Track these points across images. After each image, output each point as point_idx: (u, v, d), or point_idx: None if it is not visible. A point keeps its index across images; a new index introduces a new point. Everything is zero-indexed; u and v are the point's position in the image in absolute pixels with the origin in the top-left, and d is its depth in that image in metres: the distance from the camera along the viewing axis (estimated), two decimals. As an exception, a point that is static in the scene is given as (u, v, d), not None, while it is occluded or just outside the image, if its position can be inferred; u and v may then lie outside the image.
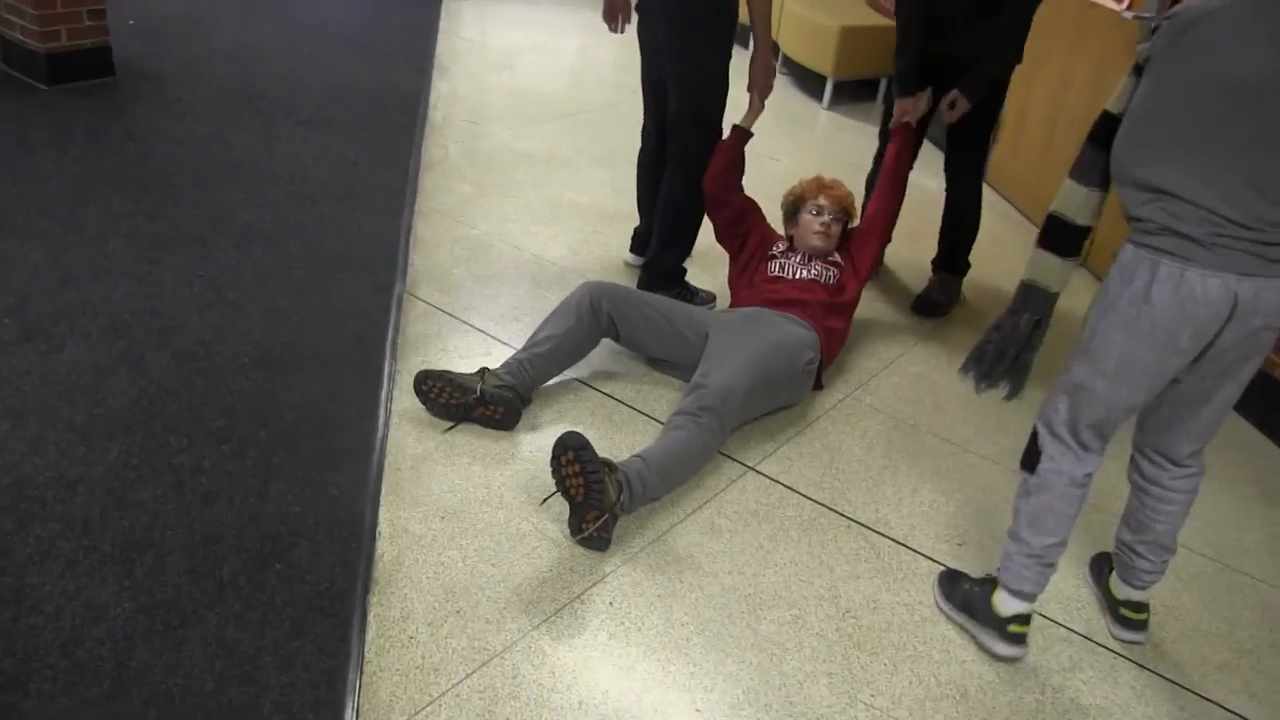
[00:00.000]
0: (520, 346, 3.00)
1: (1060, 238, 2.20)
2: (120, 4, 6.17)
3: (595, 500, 2.42)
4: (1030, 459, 2.28)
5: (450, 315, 3.36)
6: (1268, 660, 2.47)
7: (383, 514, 2.46)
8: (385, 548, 2.36)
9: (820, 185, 3.53)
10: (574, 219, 4.23)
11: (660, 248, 3.62)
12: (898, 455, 3.02)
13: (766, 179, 5.04)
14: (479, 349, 3.19)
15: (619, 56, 6.90)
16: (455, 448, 2.73)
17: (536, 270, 3.75)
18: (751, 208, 3.52)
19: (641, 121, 3.72)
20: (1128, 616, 2.45)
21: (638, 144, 3.75)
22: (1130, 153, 2.03)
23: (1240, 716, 2.29)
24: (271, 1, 6.99)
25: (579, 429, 2.85)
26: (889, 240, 4.03)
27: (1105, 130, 2.10)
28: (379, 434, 2.72)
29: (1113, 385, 2.11)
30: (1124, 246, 2.05)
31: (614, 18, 3.60)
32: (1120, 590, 2.46)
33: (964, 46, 3.51)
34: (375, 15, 7.00)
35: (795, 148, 5.60)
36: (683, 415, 2.73)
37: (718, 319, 3.15)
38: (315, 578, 2.21)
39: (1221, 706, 2.31)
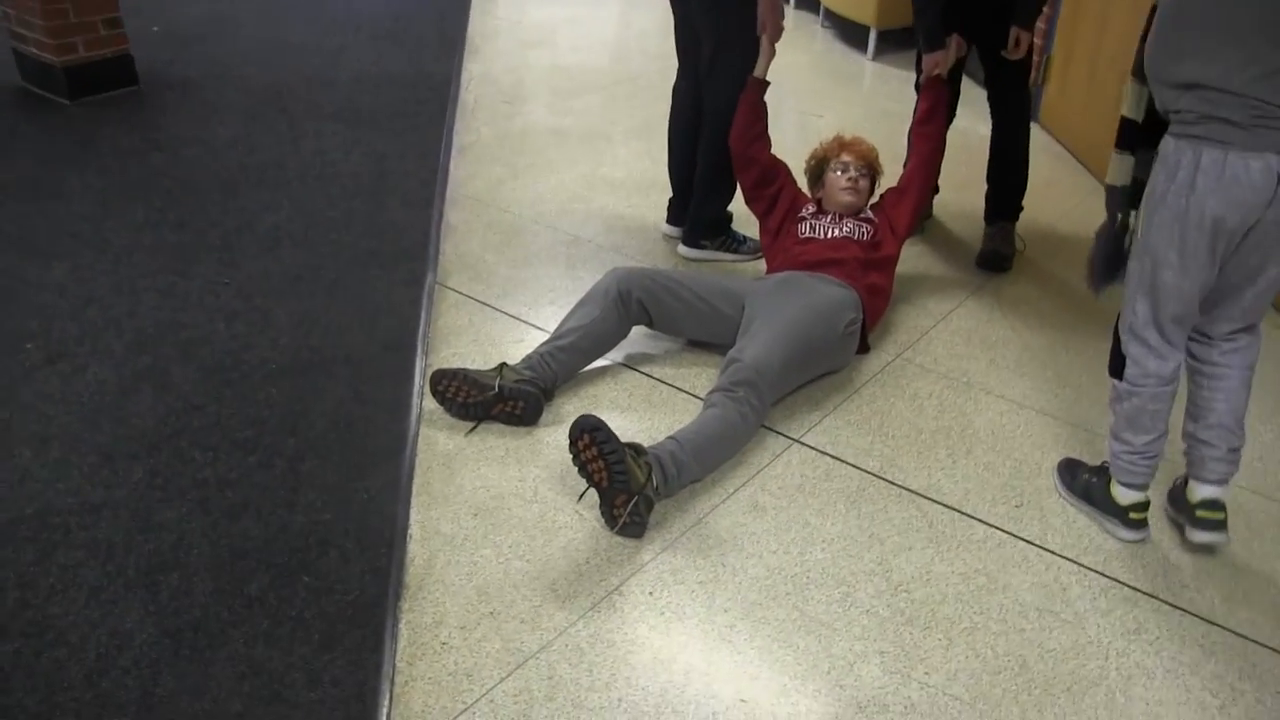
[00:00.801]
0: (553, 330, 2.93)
1: (1123, 133, 2.32)
2: (145, 10, 6.20)
3: (620, 483, 2.33)
4: (1117, 365, 2.38)
5: (483, 304, 3.29)
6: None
7: (414, 515, 2.40)
8: (417, 551, 2.30)
9: (841, 143, 3.43)
10: (609, 195, 4.13)
11: (701, 199, 3.63)
12: (950, 416, 2.88)
13: (813, 136, 4.88)
14: (512, 336, 3.12)
15: (659, 22, 6.77)
16: (488, 443, 2.67)
17: (572, 250, 3.66)
18: (780, 168, 3.42)
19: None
20: (1205, 517, 2.39)
21: (671, 114, 3.68)
22: (1162, 52, 2.10)
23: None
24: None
25: (617, 412, 2.79)
26: (933, 193, 3.94)
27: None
28: (410, 433, 2.66)
29: (1180, 275, 2.18)
30: (1165, 140, 2.13)
31: None
32: (1195, 492, 2.41)
33: None
34: (406, 2, 6.94)
35: (840, 103, 5.43)
36: (719, 393, 2.64)
37: (753, 287, 3.04)
38: (345, 587, 2.16)
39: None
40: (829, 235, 3.20)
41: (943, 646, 2.14)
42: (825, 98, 5.48)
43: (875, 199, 3.45)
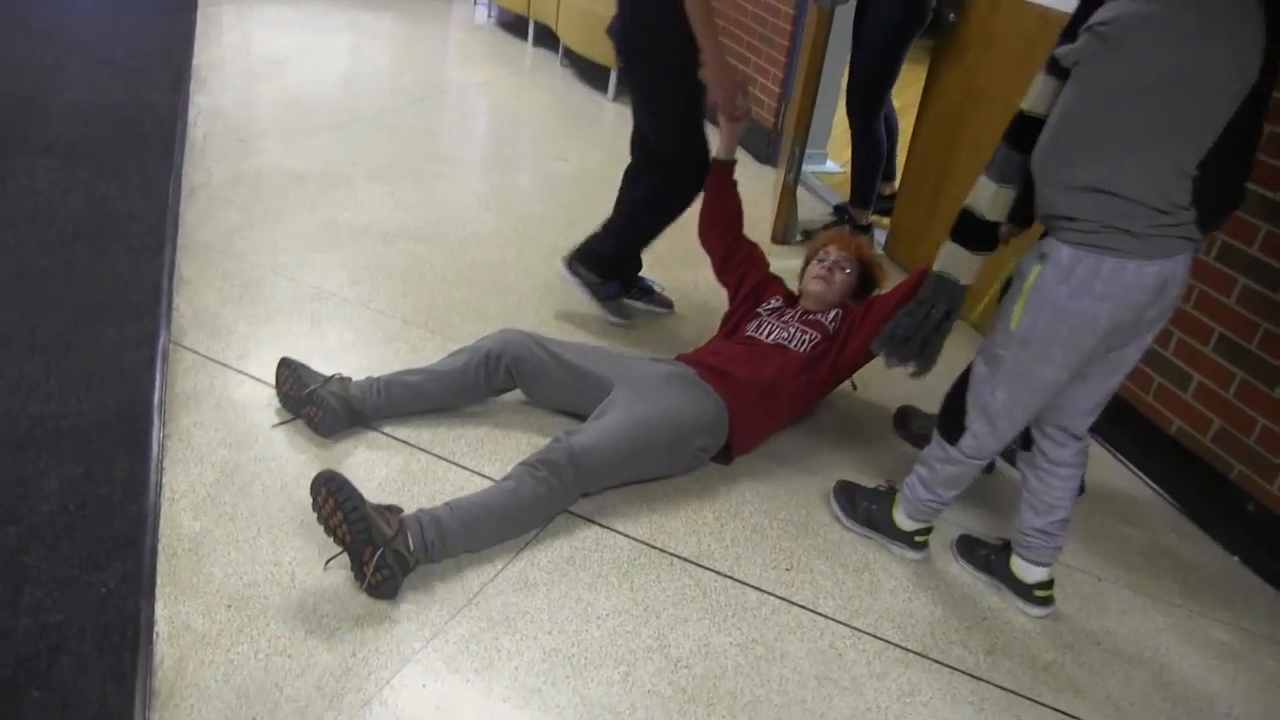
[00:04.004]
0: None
1: (972, 232, 2.34)
2: None
3: (362, 536, 2.27)
4: (953, 431, 2.47)
5: (223, 365, 3.08)
6: (1087, 654, 2.51)
7: (160, 610, 2.20)
8: (165, 651, 2.11)
9: (834, 238, 3.36)
10: (353, 243, 3.98)
11: (602, 229, 3.56)
12: (714, 479, 2.93)
13: (556, 180, 4.93)
14: (258, 400, 2.93)
15: (392, 57, 6.62)
16: (238, 520, 2.49)
17: (316, 305, 3.49)
18: (745, 252, 3.36)
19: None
20: (1044, 596, 2.59)
21: (416, 153, 3.58)
22: (1060, 154, 2.12)
23: (1071, 716, 2.32)
24: None
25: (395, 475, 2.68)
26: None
27: (1023, 130, 2.20)
28: (150, 515, 2.44)
29: (1060, 371, 2.25)
30: (1056, 246, 2.16)
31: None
32: (1030, 574, 2.59)
33: None
34: (123, 23, 6.46)
35: (583, 144, 5.47)
36: (521, 466, 2.58)
37: (631, 374, 2.91)
38: (82, 699, 1.95)
39: (1052, 708, 2.32)
40: (767, 338, 3.06)
41: (724, 724, 2.15)
42: (567, 139, 5.51)
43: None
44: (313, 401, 2.79)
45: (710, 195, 3.35)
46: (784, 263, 4.07)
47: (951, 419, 2.47)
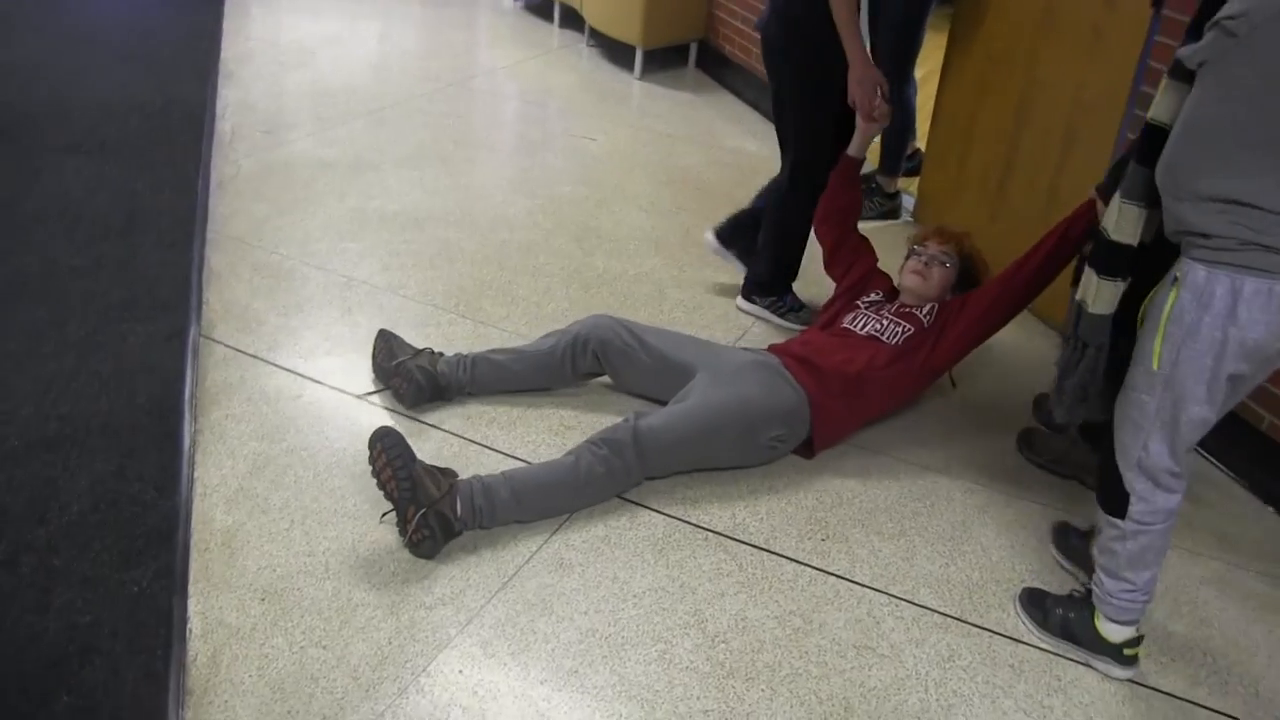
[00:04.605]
0: (333, 383, 2.76)
1: (1116, 259, 2.13)
2: None
3: (406, 494, 2.34)
4: (1117, 503, 2.18)
5: (254, 357, 3.06)
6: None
7: (193, 607, 2.19)
8: (199, 647, 2.09)
9: (935, 231, 3.17)
10: (384, 230, 3.94)
11: (758, 254, 3.58)
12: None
13: (585, 160, 4.87)
14: (289, 392, 2.91)
15: (420, 43, 6.57)
16: (271, 512, 2.47)
17: (347, 293, 3.46)
18: (854, 244, 3.26)
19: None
20: (1133, 655, 2.29)
21: (445, 138, 3.53)
22: (1189, 164, 1.91)
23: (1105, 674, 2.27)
24: (28, 10, 6.37)
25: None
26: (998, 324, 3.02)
27: (1152, 143, 2.01)
28: (182, 511, 2.42)
29: (1207, 408, 2.01)
30: (1190, 267, 1.93)
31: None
32: (1117, 633, 2.28)
33: None
34: (151, 21, 6.46)
35: (611, 125, 5.40)
36: (585, 443, 2.57)
37: (715, 361, 2.85)
38: (115, 701, 1.93)
39: (1089, 666, 2.29)
40: (862, 330, 2.96)
41: (767, 698, 2.11)
42: (595, 119, 5.44)
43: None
44: (399, 373, 2.86)
45: (832, 189, 3.23)
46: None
47: (1111, 490, 2.19)
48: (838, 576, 2.47)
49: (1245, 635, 2.43)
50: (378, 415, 2.85)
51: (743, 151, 5.16)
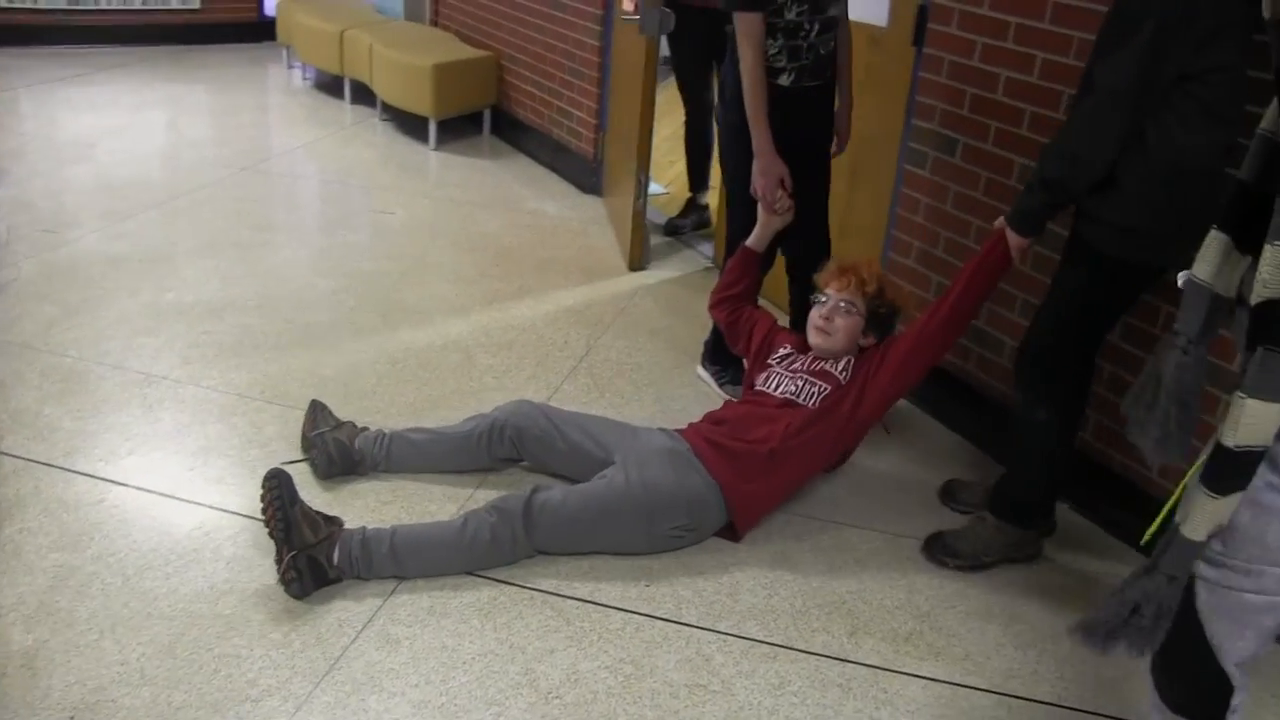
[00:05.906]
0: (137, 483, 2.70)
1: (1239, 470, 1.48)
2: None
3: (280, 534, 2.45)
4: (1216, 709, 1.66)
5: (48, 465, 2.94)
6: (943, 618, 2.60)
7: (-6, 736, 2.09)
8: (3, 776, 2.00)
9: (833, 273, 2.96)
10: (181, 322, 3.85)
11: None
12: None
13: (386, 235, 4.88)
14: (90, 497, 2.81)
15: (211, 129, 6.46)
16: (77, 625, 2.37)
17: (147, 390, 3.36)
18: (750, 314, 3.18)
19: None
20: None
21: (240, 224, 3.49)
22: None
23: (933, 679, 2.40)
24: None
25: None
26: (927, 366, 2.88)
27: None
28: (-24, 636, 2.31)
29: None
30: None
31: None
32: None
33: None
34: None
35: (410, 197, 5.42)
36: (481, 508, 2.62)
37: (633, 447, 2.79)
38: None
39: (914, 675, 2.41)
40: (776, 391, 2.88)
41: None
42: (394, 192, 5.46)
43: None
44: (316, 444, 2.91)
45: (729, 277, 3.19)
46: (640, 281, 4.17)
47: (1207, 696, 1.65)
48: (665, 620, 2.52)
49: (1049, 624, 2.60)
50: (188, 512, 2.78)
51: (542, 214, 5.26)
